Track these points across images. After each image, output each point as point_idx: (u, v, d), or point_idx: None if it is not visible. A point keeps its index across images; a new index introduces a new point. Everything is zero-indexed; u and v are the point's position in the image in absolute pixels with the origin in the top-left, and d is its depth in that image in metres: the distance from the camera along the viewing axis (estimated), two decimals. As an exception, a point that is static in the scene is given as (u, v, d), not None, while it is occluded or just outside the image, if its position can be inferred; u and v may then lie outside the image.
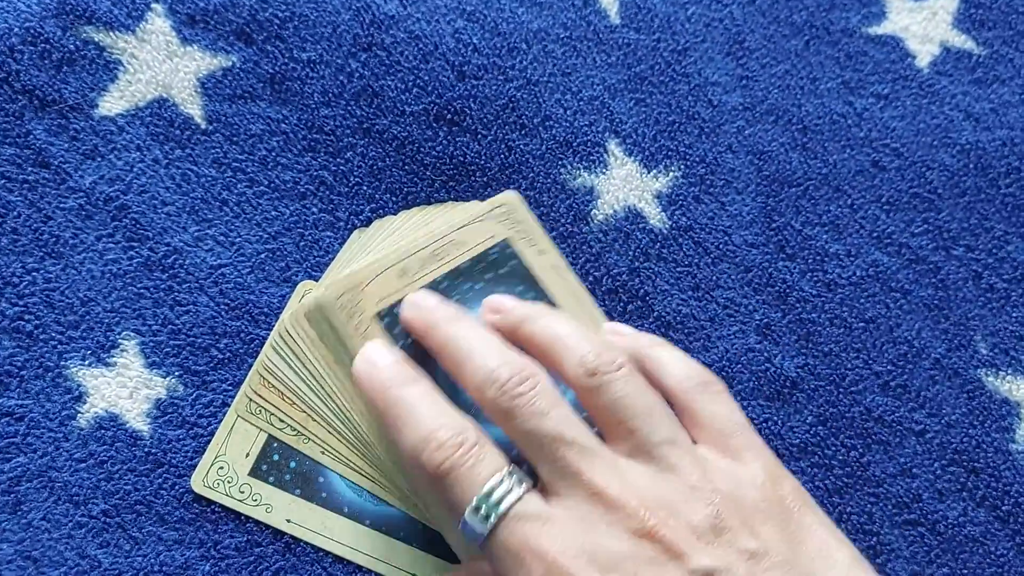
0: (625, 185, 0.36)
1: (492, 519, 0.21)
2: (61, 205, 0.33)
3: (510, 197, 0.33)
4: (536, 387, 0.23)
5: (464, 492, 0.22)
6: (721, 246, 0.35)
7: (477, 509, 0.21)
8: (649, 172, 0.36)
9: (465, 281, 0.31)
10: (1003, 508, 0.32)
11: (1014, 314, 0.35)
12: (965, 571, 0.31)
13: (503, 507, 0.21)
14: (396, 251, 0.30)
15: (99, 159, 0.33)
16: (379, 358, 0.25)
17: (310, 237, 0.34)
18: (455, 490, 0.22)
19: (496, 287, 0.31)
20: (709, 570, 0.20)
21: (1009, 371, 0.34)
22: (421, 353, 0.28)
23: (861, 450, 0.32)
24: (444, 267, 0.30)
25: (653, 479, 0.22)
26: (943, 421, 0.33)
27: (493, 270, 0.31)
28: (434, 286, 0.30)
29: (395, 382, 0.24)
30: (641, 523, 0.21)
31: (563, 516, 0.21)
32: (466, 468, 0.22)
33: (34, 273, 0.32)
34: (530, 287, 0.31)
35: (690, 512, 0.21)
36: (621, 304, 0.34)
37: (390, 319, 0.29)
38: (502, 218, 0.32)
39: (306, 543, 0.29)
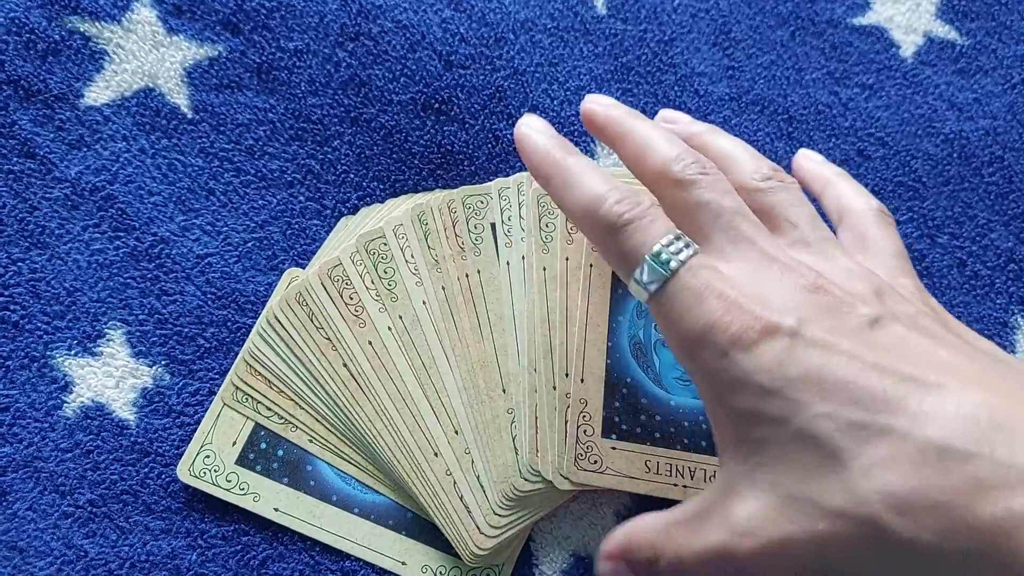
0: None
1: (672, 264, 0.22)
2: (47, 195, 0.33)
3: None
4: (718, 173, 0.25)
5: (644, 241, 0.23)
6: (708, 235, 0.36)
7: (658, 255, 0.23)
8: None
9: None
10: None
11: (998, 300, 0.35)
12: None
13: (683, 255, 0.23)
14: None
15: (85, 149, 0.33)
16: (542, 126, 0.27)
17: (297, 225, 0.34)
18: (634, 239, 0.23)
19: None
20: (877, 315, 0.22)
21: (993, 357, 0.34)
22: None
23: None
24: None
25: (816, 260, 0.24)
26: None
27: None
28: None
29: (562, 149, 0.26)
30: (813, 280, 0.22)
31: (736, 269, 0.23)
32: (646, 221, 0.23)
33: (20, 263, 0.32)
34: None
35: (853, 283, 0.23)
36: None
37: None
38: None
39: (294, 532, 0.29)
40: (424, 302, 0.31)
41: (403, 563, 0.29)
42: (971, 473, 0.18)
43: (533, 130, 0.26)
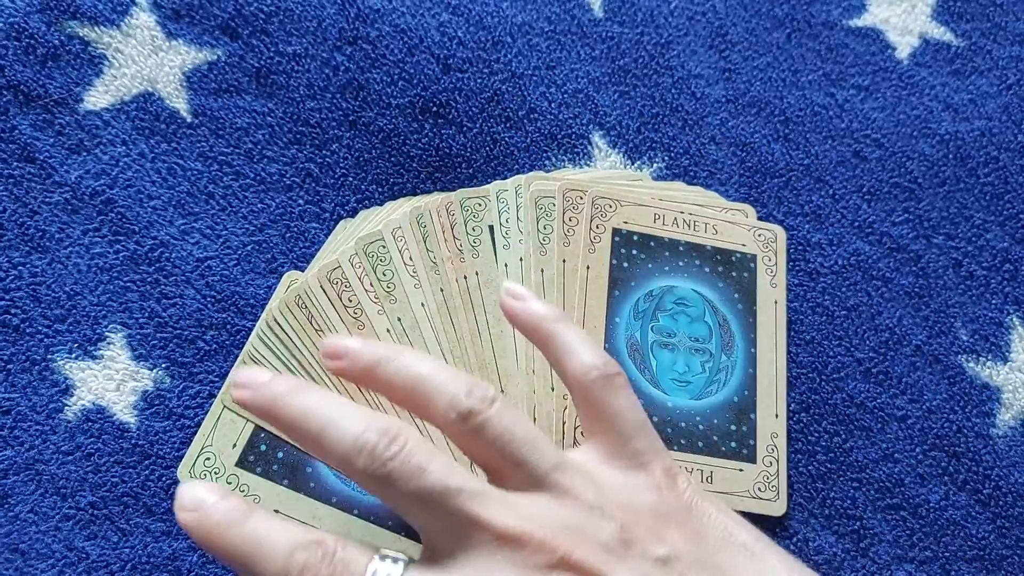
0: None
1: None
2: (47, 200, 0.33)
3: (779, 230, 0.35)
4: (408, 443, 0.21)
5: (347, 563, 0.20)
6: (705, 236, 0.36)
7: None
8: (633, 164, 0.37)
9: (699, 258, 0.34)
10: (984, 492, 0.32)
11: (993, 300, 0.35)
12: (947, 554, 0.31)
13: None
14: (662, 195, 0.34)
15: (85, 154, 0.34)
16: (203, 495, 0.21)
17: (296, 228, 0.34)
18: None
19: (719, 280, 0.33)
20: None
21: (989, 357, 0.35)
22: (631, 276, 0.33)
23: (844, 436, 0.33)
24: (691, 237, 0.34)
25: (551, 507, 0.21)
26: (924, 407, 0.34)
27: (726, 266, 0.34)
28: (674, 244, 0.34)
29: (230, 521, 0.20)
30: (552, 553, 0.20)
31: (465, 572, 0.20)
32: (338, 568, 0.20)
33: (20, 267, 0.32)
34: (746, 301, 0.33)
35: (596, 531, 0.21)
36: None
37: (623, 240, 0.33)
38: (762, 239, 0.35)
39: (294, 533, 0.29)
40: (423, 304, 0.31)
41: (403, 564, 0.29)
42: None
43: (190, 509, 0.20)
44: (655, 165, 0.37)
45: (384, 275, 0.32)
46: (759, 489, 0.31)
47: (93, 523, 0.29)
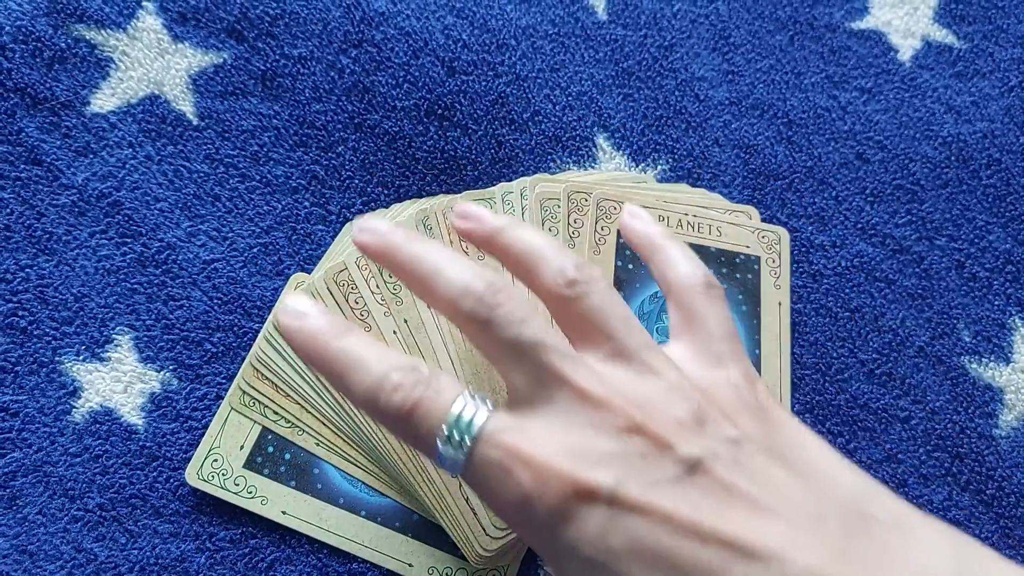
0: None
1: (468, 441, 0.21)
2: (54, 202, 0.33)
3: (783, 232, 0.35)
4: (512, 298, 0.22)
5: (432, 425, 0.21)
6: (709, 238, 0.36)
7: (449, 437, 0.21)
8: (637, 166, 0.37)
9: (702, 259, 0.33)
10: (987, 492, 0.33)
11: (995, 302, 0.36)
12: (950, 554, 0.32)
13: (476, 426, 0.21)
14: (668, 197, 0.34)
15: (91, 156, 0.34)
16: (307, 308, 0.23)
17: (302, 231, 0.34)
18: (422, 426, 0.21)
19: (723, 281, 0.33)
20: (696, 458, 0.21)
21: (991, 358, 0.35)
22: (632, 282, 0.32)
23: (847, 437, 0.33)
24: (695, 239, 0.34)
25: (633, 380, 0.22)
26: (927, 408, 0.34)
27: (729, 268, 0.34)
28: None
29: (332, 333, 0.22)
30: (627, 419, 0.21)
31: (543, 422, 0.21)
32: (428, 401, 0.21)
33: (27, 270, 0.32)
34: (750, 303, 0.33)
35: (673, 407, 0.22)
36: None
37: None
38: (765, 240, 0.35)
39: (301, 534, 0.30)
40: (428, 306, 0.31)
41: (409, 565, 0.30)
42: None
43: (296, 315, 0.23)
44: (659, 167, 0.37)
45: (390, 277, 0.32)
46: None
47: (101, 525, 0.29)
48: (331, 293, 0.31)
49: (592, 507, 0.20)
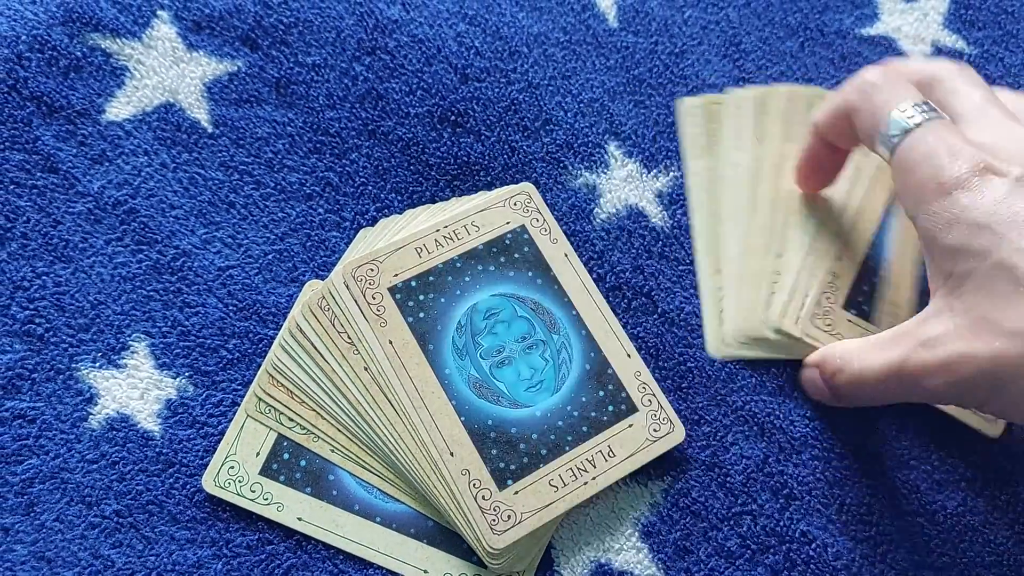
0: (626, 185, 0.36)
1: (916, 119, 0.27)
2: (70, 210, 0.33)
3: (527, 187, 0.34)
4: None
5: (888, 100, 0.28)
6: (721, 244, 0.36)
7: (902, 112, 0.27)
8: (649, 172, 0.37)
9: (479, 263, 0.32)
10: (1001, 498, 0.33)
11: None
12: (965, 560, 0.32)
13: (921, 117, 0.27)
14: (415, 231, 0.32)
15: (107, 164, 0.34)
16: None
17: (316, 237, 0.34)
18: (880, 96, 0.28)
19: (508, 270, 0.32)
20: None
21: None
22: (432, 321, 0.30)
23: (860, 442, 0.33)
24: (460, 247, 0.32)
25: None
26: (939, 411, 0.34)
27: (507, 254, 0.33)
28: (450, 266, 0.32)
29: None
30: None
31: (977, 128, 0.27)
32: (894, 85, 0.28)
33: (44, 277, 0.32)
34: (541, 272, 0.33)
35: None
36: (625, 300, 0.34)
37: (402, 295, 0.31)
38: (518, 206, 0.33)
39: (317, 541, 0.30)
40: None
41: (425, 571, 0.30)
42: None
43: None
44: (671, 173, 0.37)
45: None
46: (654, 430, 0.31)
47: (118, 531, 0.29)
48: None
49: (995, 183, 0.25)
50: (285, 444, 0.31)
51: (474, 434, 0.30)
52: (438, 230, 0.32)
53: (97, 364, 0.31)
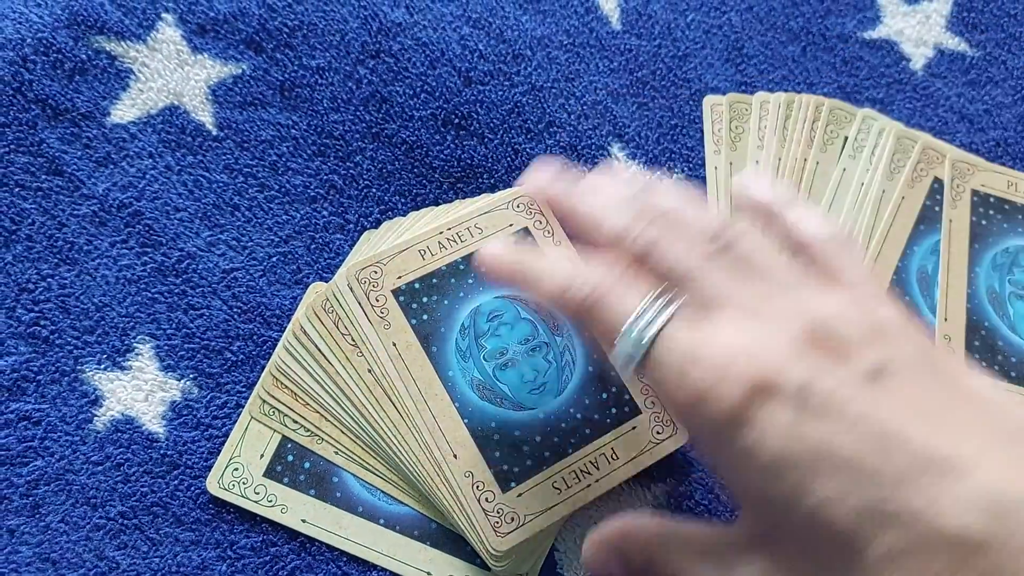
0: (629, 187, 0.37)
1: (649, 333, 0.21)
2: (75, 212, 0.33)
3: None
4: (673, 228, 0.24)
5: (616, 316, 0.22)
6: (724, 246, 0.36)
7: (631, 329, 0.22)
8: (652, 174, 0.37)
9: (464, 267, 0.32)
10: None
11: (1011, 310, 0.36)
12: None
13: (658, 324, 0.21)
14: (419, 233, 0.32)
15: (112, 166, 0.34)
16: (501, 244, 0.27)
17: (320, 240, 0.34)
18: (606, 315, 0.22)
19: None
20: (880, 364, 0.20)
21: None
22: (436, 323, 0.30)
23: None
24: (464, 250, 0.32)
25: (801, 303, 0.22)
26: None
27: None
28: (453, 268, 0.32)
29: (526, 253, 0.26)
30: (805, 328, 0.20)
31: (723, 326, 0.21)
32: (616, 294, 0.22)
33: (49, 279, 0.32)
34: None
35: (847, 325, 0.21)
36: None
37: (406, 297, 0.31)
38: (522, 209, 0.33)
39: (321, 543, 0.30)
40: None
41: (428, 573, 0.30)
42: (988, 567, 0.17)
43: (492, 250, 0.26)
44: (674, 175, 0.37)
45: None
46: (657, 433, 0.31)
47: (123, 533, 0.29)
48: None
49: (774, 409, 0.19)
50: (289, 446, 0.31)
51: (477, 436, 0.30)
52: (442, 232, 0.32)
53: (102, 366, 0.31)
